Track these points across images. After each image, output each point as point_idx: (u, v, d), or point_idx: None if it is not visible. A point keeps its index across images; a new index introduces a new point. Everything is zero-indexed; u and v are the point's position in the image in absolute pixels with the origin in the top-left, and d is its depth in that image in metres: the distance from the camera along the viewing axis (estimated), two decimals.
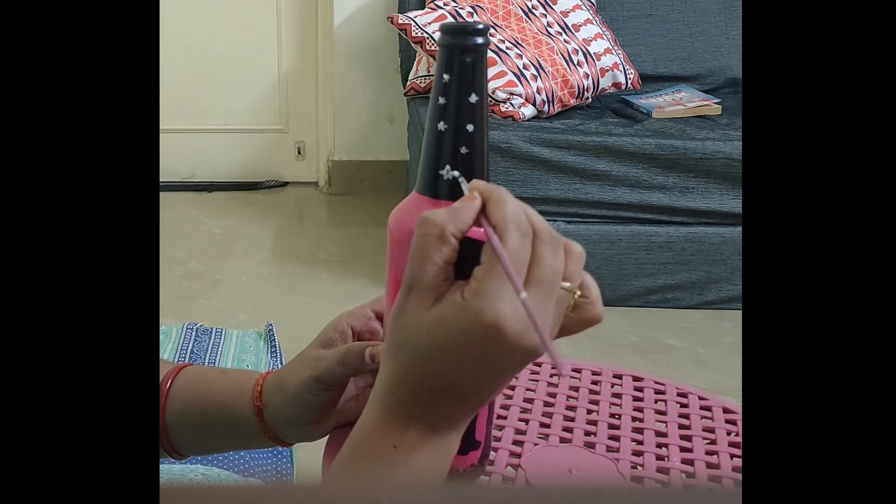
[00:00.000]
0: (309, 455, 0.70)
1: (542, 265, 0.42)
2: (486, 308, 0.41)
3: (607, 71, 2.36)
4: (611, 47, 2.39)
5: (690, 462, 0.63)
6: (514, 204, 0.43)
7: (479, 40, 0.46)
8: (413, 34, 2.31)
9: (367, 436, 0.45)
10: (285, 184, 3.12)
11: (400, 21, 2.34)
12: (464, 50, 0.46)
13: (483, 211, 0.43)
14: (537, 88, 2.20)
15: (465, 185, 0.46)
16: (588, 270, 0.46)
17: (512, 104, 2.17)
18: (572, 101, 2.30)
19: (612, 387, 0.73)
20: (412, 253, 0.43)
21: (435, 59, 0.58)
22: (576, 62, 2.31)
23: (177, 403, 0.59)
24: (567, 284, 0.44)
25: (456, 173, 0.47)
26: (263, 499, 0.23)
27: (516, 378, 0.73)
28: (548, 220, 0.44)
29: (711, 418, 0.69)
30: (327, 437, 0.60)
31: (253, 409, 0.57)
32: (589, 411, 0.69)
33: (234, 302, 2.21)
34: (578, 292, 0.45)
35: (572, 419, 0.68)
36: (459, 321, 0.41)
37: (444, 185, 0.47)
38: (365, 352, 0.53)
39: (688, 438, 0.66)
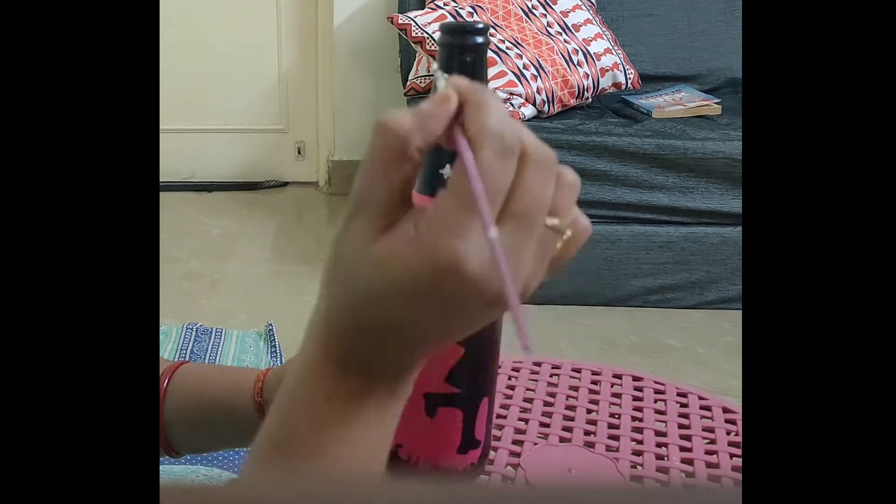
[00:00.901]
0: None
1: (524, 194, 0.34)
2: (441, 244, 0.33)
3: (607, 71, 2.36)
4: (611, 47, 2.39)
5: (690, 462, 0.63)
6: (498, 112, 0.34)
7: (479, 39, 0.46)
8: (413, 34, 2.31)
9: (296, 385, 0.38)
10: (285, 184, 3.12)
11: (400, 21, 2.34)
12: (464, 49, 0.46)
13: (458, 118, 0.35)
14: (537, 88, 2.20)
15: (442, 82, 0.36)
16: (588, 271, 0.46)
17: (512, 104, 2.17)
18: (572, 101, 2.30)
19: (612, 386, 0.73)
20: (363, 166, 0.35)
21: (435, 58, 0.58)
22: (576, 62, 2.31)
23: (176, 402, 0.59)
24: (555, 222, 0.35)
25: (436, 67, 0.43)
26: (263, 499, 0.23)
27: (516, 378, 0.73)
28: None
29: (711, 418, 0.69)
30: None
31: (254, 406, 0.57)
32: (588, 411, 0.69)
33: (234, 302, 2.21)
34: (569, 232, 0.36)
35: (572, 419, 0.68)
36: (410, 258, 0.33)
37: (444, 185, 0.47)
38: None
39: (687, 438, 0.66)
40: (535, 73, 2.21)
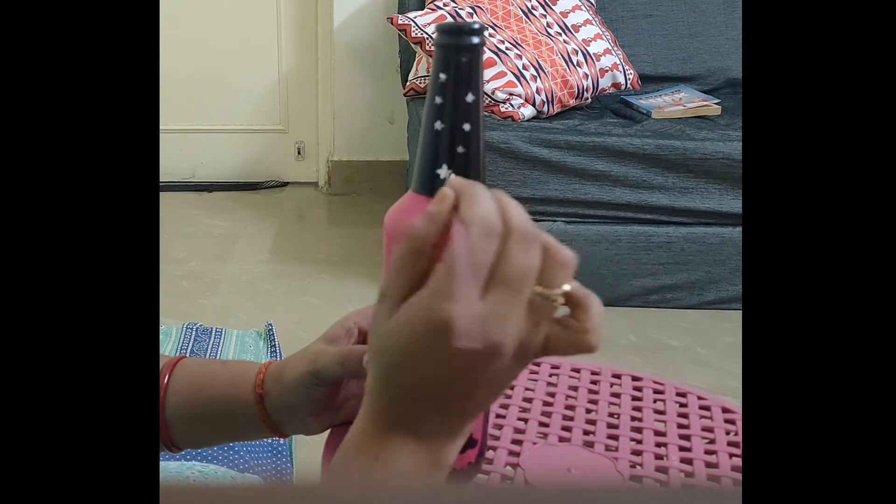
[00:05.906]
0: (309, 454, 0.70)
1: (507, 263, 0.40)
2: (435, 307, 0.39)
3: (607, 71, 2.36)
4: (610, 48, 2.39)
5: (689, 461, 0.63)
6: (485, 201, 0.41)
7: (475, 40, 0.46)
8: (413, 35, 2.31)
9: (350, 445, 0.45)
10: (285, 184, 3.12)
11: (400, 22, 2.34)
12: (460, 49, 0.46)
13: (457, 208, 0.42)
14: (537, 89, 2.20)
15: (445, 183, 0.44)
16: (588, 271, 0.46)
17: (511, 105, 2.17)
18: (572, 102, 2.30)
19: (612, 386, 0.73)
20: (392, 262, 0.42)
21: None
22: (575, 63, 2.31)
23: (178, 397, 0.59)
24: (541, 289, 0.41)
25: (442, 172, 0.47)
26: (264, 498, 0.23)
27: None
28: (547, 221, 0.43)
29: (710, 418, 0.69)
30: (327, 435, 0.60)
31: (254, 398, 0.57)
32: (588, 411, 0.69)
33: (234, 302, 2.21)
34: (561, 300, 0.42)
35: (571, 418, 0.68)
36: (414, 322, 0.40)
37: (441, 185, 0.47)
38: (364, 357, 0.54)
39: (687, 438, 0.66)
40: (535, 74, 2.21)
